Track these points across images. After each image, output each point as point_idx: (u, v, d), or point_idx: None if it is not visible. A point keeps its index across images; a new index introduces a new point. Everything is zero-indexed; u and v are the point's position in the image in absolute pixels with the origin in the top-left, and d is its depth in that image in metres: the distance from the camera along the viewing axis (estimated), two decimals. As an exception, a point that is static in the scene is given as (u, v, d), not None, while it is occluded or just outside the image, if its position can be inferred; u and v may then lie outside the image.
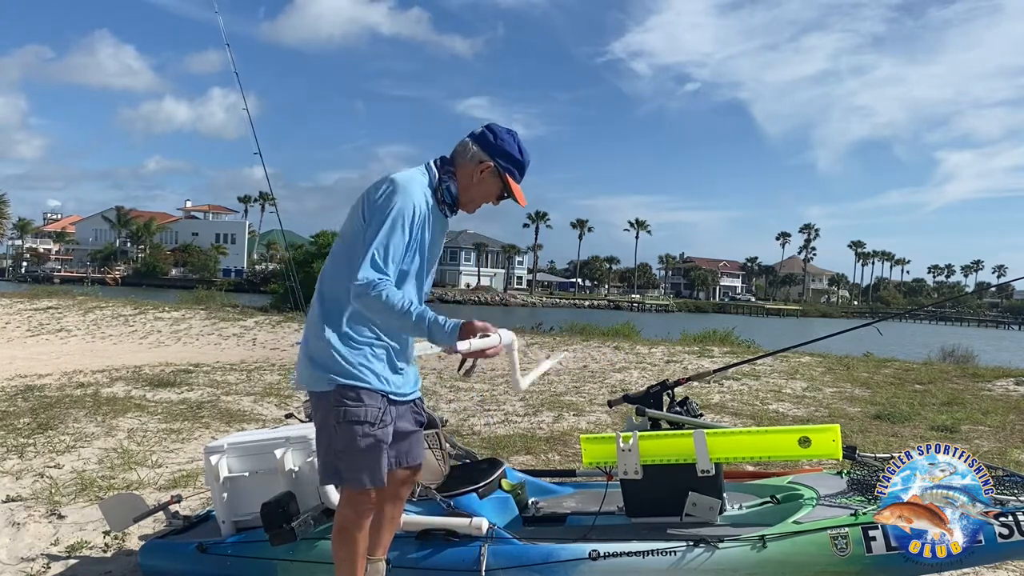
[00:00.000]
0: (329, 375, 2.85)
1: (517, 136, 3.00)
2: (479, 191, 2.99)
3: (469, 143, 2.96)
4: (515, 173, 3.00)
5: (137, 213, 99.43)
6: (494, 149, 2.94)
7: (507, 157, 2.95)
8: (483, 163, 2.94)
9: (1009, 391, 10.17)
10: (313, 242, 30.49)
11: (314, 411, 3.00)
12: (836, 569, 3.22)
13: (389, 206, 2.77)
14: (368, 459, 2.86)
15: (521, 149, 2.99)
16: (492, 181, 2.98)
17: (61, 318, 17.67)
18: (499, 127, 3.00)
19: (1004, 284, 52.74)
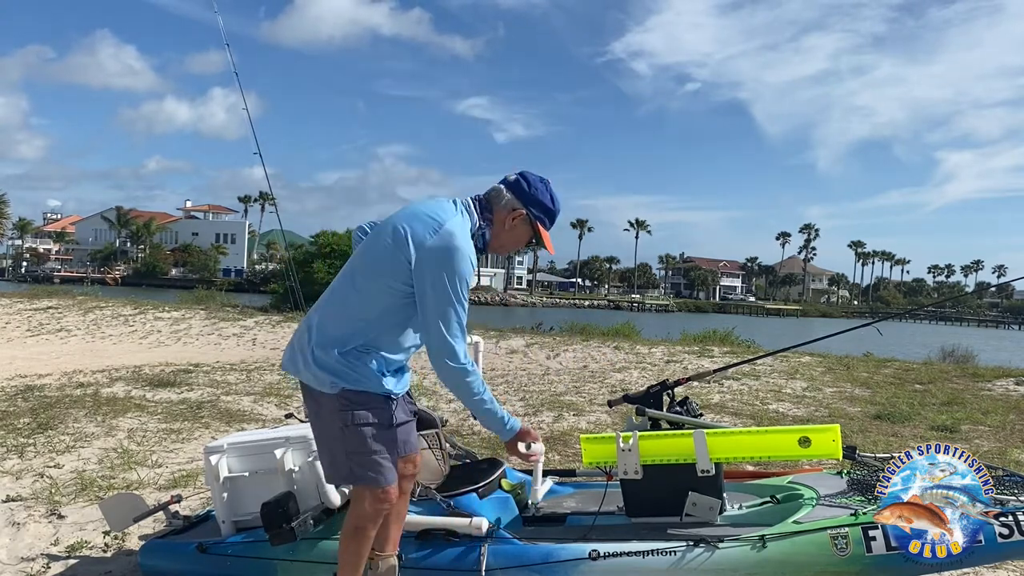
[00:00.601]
0: (332, 378, 2.87)
1: (550, 185, 3.07)
2: (510, 237, 3.05)
3: (503, 190, 3.01)
4: (546, 222, 3.06)
5: (137, 213, 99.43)
6: (528, 198, 3.00)
7: (539, 206, 3.02)
8: (516, 210, 3.00)
9: (1009, 391, 10.17)
10: (313, 242, 30.46)
11: (315, 409, 3.00)
12: (836, 569, 3.22)
13: (454, 272, 2.80)
14: (381, 458, 2.90)
15: (553, 198, 3.05)
16: (523, 228, 3.04)
17: (61, 318, 17.68)
18: (533, 176, 3.05)
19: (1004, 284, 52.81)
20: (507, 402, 8.63)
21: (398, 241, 2.84)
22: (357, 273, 2.97)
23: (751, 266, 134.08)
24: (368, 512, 2.97)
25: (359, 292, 2.93)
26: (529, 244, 3.12)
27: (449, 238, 2.82)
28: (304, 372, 2.95)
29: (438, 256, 2.80)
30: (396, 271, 2.84)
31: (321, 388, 2.90)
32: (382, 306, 2.89)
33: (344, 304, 2.94)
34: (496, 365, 11.42)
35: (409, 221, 2.88)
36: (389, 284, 2.86)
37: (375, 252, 2.93)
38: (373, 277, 2.90)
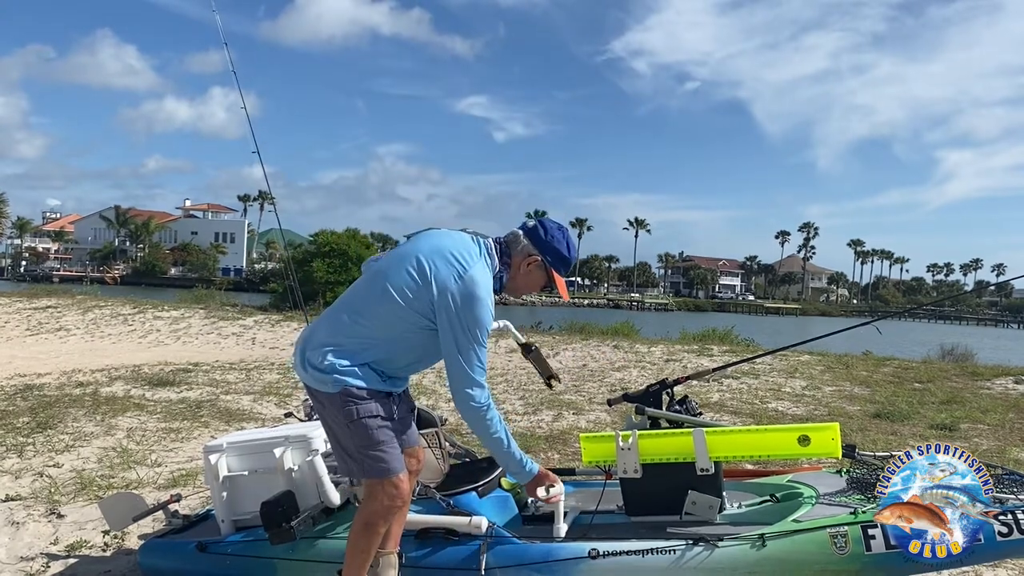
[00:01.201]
0: (333, 376, 2.93)
1: (567, 233, 3.14)
2: (525, 281, 3.12)
3: (521, 236, 3.08)
4: (561, 269, 3.13)
5: (136, 212, 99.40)
6: (544, 246, 3.07)
7: (555, 253, 3.08)
8: (531, 256, 3.07)
9: (1008, 389, 10.17)
10: (312, 241, 30.47)
11: (319, 407, 3.05)
12: (836, 567, 3.22)
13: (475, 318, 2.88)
14: (387, 448, 2.95)
15: (569, 246, 3.12)
16: (538, 274, 3.11)
17: (60, 317, 17.67)
18: (551, 223, 3.13)
19: (1003, 283, 52.83)
20: (506, 401, 8.63)
21: (422, 276, 2.91)
22: (369, 292, 3.01)
23: (750, 265, 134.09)
24: (380, 508, 2.99)
25: (371, 312, 2.97)
26: (544, 289, 3.18)
27: (473, 286, 2.89)
28: (307, 374, 3.01)
29: (461, 303, 2.88)
30: (415, 303, 2.91)
31: (323, 388, 2.95)
32: (390, 329, 2.96)
33: (353, 319, 2.99)
34: (496, 364, 11.42)
35: (433, 258, 2.94)
36: (403, 313, 2.93)
37: (395, 280, 2.96)
38: (386, 302, 2.94)
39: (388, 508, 2.99)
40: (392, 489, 2.95)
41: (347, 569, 3.05)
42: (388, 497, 2.96)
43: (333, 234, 28.27)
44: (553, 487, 3.14)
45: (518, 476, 3.14)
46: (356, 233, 29.37)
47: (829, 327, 5.10)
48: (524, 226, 3.12)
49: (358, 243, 27.60)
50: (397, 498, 2.97)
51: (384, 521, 3.03)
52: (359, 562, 3.05)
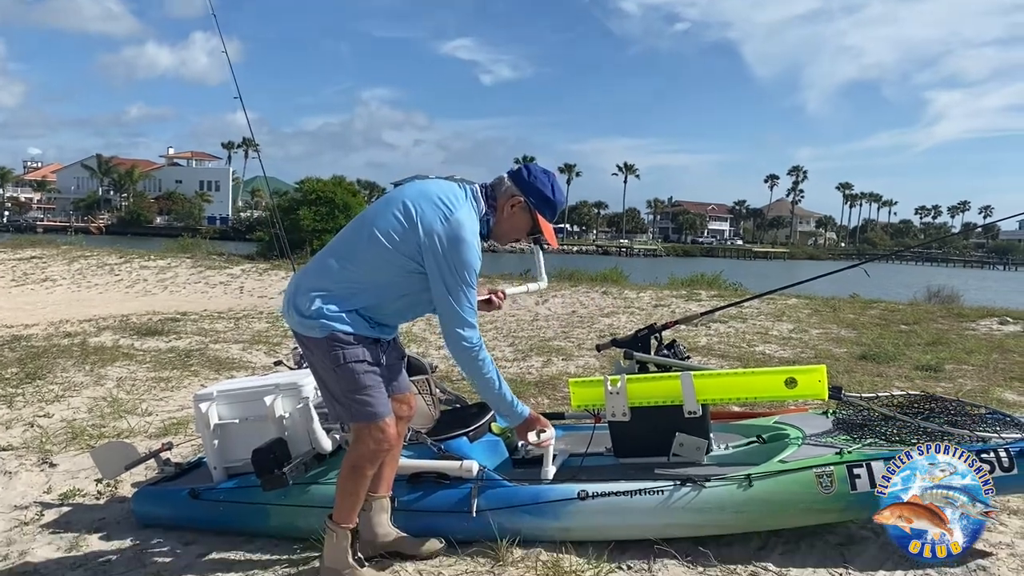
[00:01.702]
0: (320, 321, 2.93)
1: (553, 177, 3.10)
2: (509, 225, 3.08)
3: (505, 178, 3.06)
4: (546, 212, 3.08)
5: (119, 161, 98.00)
6: (526, 186, 3.04)
7: (538, 195, 3.05)
8: (515, 198, 3.04)
9: (993, 330, 10.28)
10: (298, 189, 30.20)
11: (307, 354, 3.05)
12: (821, 506, 3.28)
13: (462, 260, 2.87)
14: (374, 392, 2.96)
15: (554, 188, 3.08)
16: (522, 216, 3.07)
17: (46, 268, 17.55)
18: (536, 167, 3.10)
19: (990, 224, 53.12)
20: (496, 348, 8.67)
21: (409, 219, 2.90)
22: (357, 237, 2.99)
23: (739, 209, 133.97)
24: (367, 452, 3.01)
25: (359, 258, 2.96)
26: (532, 234, 3.15)
27: (459, 228, 2.88)
28: (294, 319, 3.00)
29: (447, 245, 2.87)
30: (402, 247, 2.90)
31: (310, 334, 2.95)
32: (378, 274, 2.95)
33: (341, 265, 2.98)
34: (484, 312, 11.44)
35: (420, 201, 2.93)
36: (390, 257, 2.91)
37: (380, 222, 2.95)
38: (374, 246, 2.93)
39: (375, 452, 3.01)
40: (379, 433, 2.97)
41: (337, 511, 3.09)
42: (375, 441, 2.98)
43: (319, 181, 28.01)
44: (544, 431, 3.17)
45: (509, 418, 3.16)
46: (342, 180, 29.10)
47: (817, 270, 5.11)
48: (509, 170, 3.11)
49: (344, 190, 27.37)
50: (384, 442, 2.99)
51: (371, 464, 3.05)
52: (348, 504, 3.08)
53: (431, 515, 3.42)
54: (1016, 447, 3.28)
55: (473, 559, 3.30)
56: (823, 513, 3.32)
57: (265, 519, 3.54)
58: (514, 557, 3.27)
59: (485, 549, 3.31)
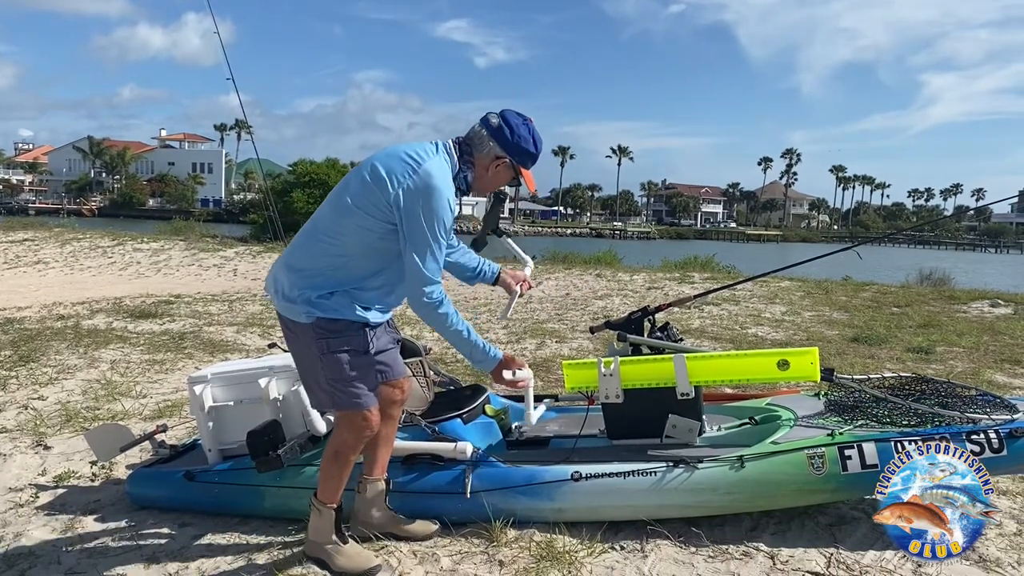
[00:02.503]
0: (305, 307, 2.91)
1: (532, 126, 3.04)
2: (493, 181, 3.07)
3: (486, 136, 2.98)
4: (528, 164, 3.06)
5: (111, 143, 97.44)
6: (511, 147, 2.99)
7: (522, 153, 3.01)
8: (499, 158, 3.00)
9: (984, 313, 10.33)
10: (291, 171, 30.10)
11: (289, 336, 3.03)
12: (812, 487, 3.30)
13: (432, 212, 2.83)
14: (359, 382, 2.95)
15: (536, 141, 3.03)
16: (506, 172, 3.05)
17: (38, 250, 17.48)
18: (515, 118, 3.01)
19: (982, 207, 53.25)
20: (490, 330, 8.68)
21: (377, 179, 2.85)
22: (333, 209, 2.96)
23: (733, 192, 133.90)
24: (349, 438, 3.02)
25: (336, 230, 2.92)
26: (512, 184, 3.13)
27: (427, 178, 2.83)
28: (279, 302, 2.99)
29: (416, 195, 2.82)
30: (373, 209, 2.85)
31: (296, 318, 2.93)
32: (357, 243, 2.90)
33: (319, 239, 2.95)
34: (479, 294, 11.45)
35: (387, 160, 2.88)
36: (365, 222, 2.87)
37: (352, 189, 2.92)
38: (349, 214, 2.89)
39: (357, 439, 3.02)
40: (362, 421, 2.97)
41: (320, 491, 3.12)
42: (357, 429, 2.99)
43: (312, 164, 27.94)
44: (520, 371, 3.13)
45: (483, 363, 3.10)
46: (336, 162, 29.03)
47: (810, 253, 5.12)
48: (487, 124, 2.99)
49: (338, 172, 27.30)
50: (366, 429, 2.99)
51: (353, 451, 3.06)
52: (331, 486, 3.11)
53: (425, 496, 3.43)
54: (1006, 428, 3.31)
55: (467, 540, 3.32)
56: (814, 494, 3.35)
57: (260, 501, 3.55)
58: (508, 538, 3.29)
59: (479, 530, 3.34)
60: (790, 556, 3.23)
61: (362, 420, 2.98)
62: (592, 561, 3.17)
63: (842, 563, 3.18)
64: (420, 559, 3.20)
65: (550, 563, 3.13)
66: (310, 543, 3.15)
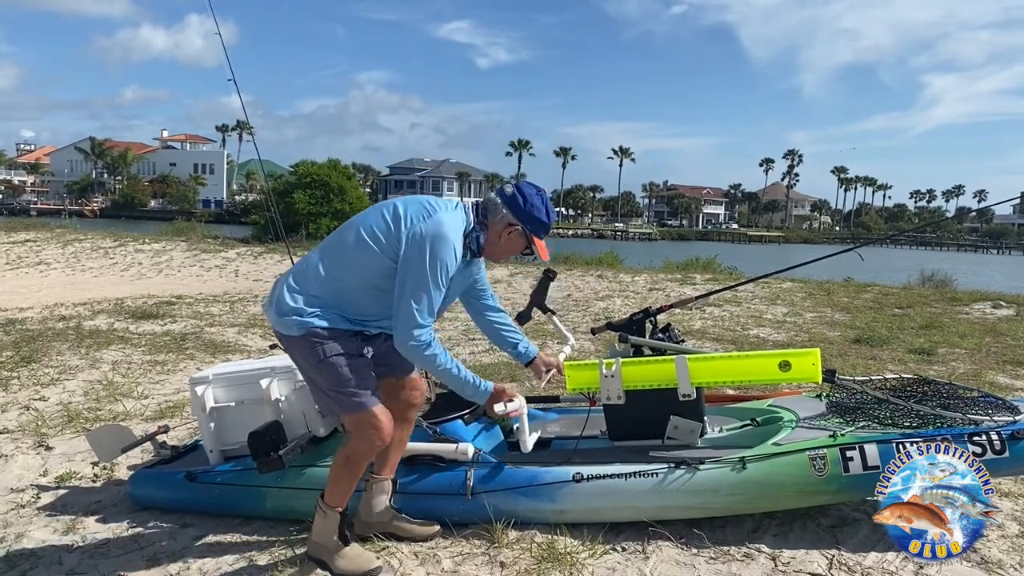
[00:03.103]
0: (296, 318, 2.96)
1: (545, 196, 3.11)
2: (505, 248, 3.13)
3: (500, 204, 3.06)
4: (540, 233, 3.12)
5: (112, 143, 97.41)
6: (524, 216, 3.06)
7: (535, 222, 3.08)
8: (512, 226, 3.07)
9: (986, 314, 10.32)
10: (293, 172, 30.09)
11: (289, 352, 3.10)
12: (814, 489, 3.30)
13: (436, 257, 2.88)
14: (359, 383, 2.97)
15: (548, 212, 3.10)
16: (519, 240, 3.11)
17: (40, 251, 17.49)
18: (528, 189, 3.09)
19: (984, 208, 53.33)
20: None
21: (395, 219, 2.95)
22: (347, 240, 3.02)
23: (734, 193, 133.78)
24: (361, 446, 3.04)
25: (344, 258, 3.00)
26: (524, 252, 3.19)
27: (438, 225, 2.92)
28: (272, 317, 3.04)
29: (424, 238, 2.89)
30: (384, 247, 2.93)
31: (287, 331, 2.98)
32: (362, 275, 2.98)
33: (326, 264, 3.02)
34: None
35: (406, 203, 3.01)
36: (374, 258, 2.94)
37: (368, 223, 3.00)
38: (360, 246, 2.96)
39: (369, 447, 3.03)
40: (372, 430, 2.99)
41: (328, 494, 3.13)
42: (368, 438, 3.00)
43: (314, 165, 27.89)
44: (511, 401, 3.14)
45: (475, 397, 3.13)
46: (337, 163, 28.97)
47: (811, 254, 5.12)
48: (502, 193, 3.10)
49: (339, 174, 27.28)
50: (377, 438, 3.01)
51: (365, 458, 3.07)
52: (340, 490, 3.11)
53: (427, 497, 3.43)
54: (1008, 430, 3.30)
55: (469, 541, 3.32)
56: (816, 495, 3.35)
57: (261, 502, 3.55)
58: (509, 539, 3.29)
59: (481, 531, 3.34)
60: (792, 557, 3.23)
61: (372, 428, 2.99)
62: (593, 562, 3.17)
63: (844, 564, 3.17)
64: (421, 560, 3.20)
65: (551, 564, 3.12)
66: (312, 544, 3.16)
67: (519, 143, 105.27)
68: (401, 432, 3.27)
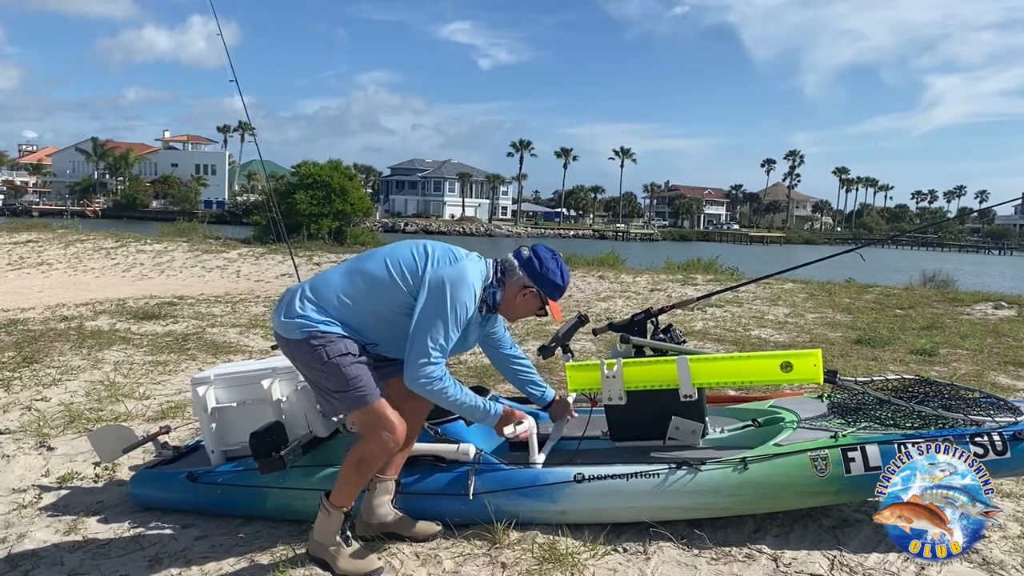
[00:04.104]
0: (299, 322, 3.00)
1: (561, 262, 3.23)
2: (520, 308, 3.24)
3: (517, 267, 3.17)
4: (555, 296, 3.22)
5: (114, 144, 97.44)
6: (539, 278, 3.17)
7: (550, 285, 3.19)
8: (527, 288, 3.18)
9: (987, 315, 10.31)
10: (294, 173, 30.12)
11: (291, 358, 3.12)
12: (816, 489, 3.30)
13: (456, 299, 2.98)
14: (363, 380, 3.00)
15: (563, 275, 3.22)
16: (533, 301, 3.22)
17: (42, 252, 17.51)
18: (544, 253, 3.21)
19: (986, 209, 53.11)
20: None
21: (422, 257, 3.07)
22: (372, 263, 3.10)
23: (736, 193, 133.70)
24: (374, 447, 3.05)
25: (363, 280, 3.06)
26: (539, 313, 3.26)
27: (461, 270, 3.04)
28: (277, 321, 3.08)
29: (446, 280, 2.99)
30: (407, 280, 3.02)
31: (289, 336, 3.01)
32: (377, 303, 3.04)
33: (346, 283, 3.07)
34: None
35: (436, 246, 3.14)
36: (392, 291, 3.02)
37: (396, 255, 3.09)
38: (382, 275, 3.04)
39: (382, 450, 3.05)
40: (384, 431, 3.01)
41: (335, 493, 3.13)
42: (382, 440, 3.02)
43: (315, 165, 27.93)
44: (520, 424, 3.25)
45: (485, 422, 3.22)
46: (339, 164, 29.01)
47: (813, 255, 5.12)
48: (519, 256, 3.20)
49: (341, 174, 27.31)
50: (391, 442, 3.03)
51: (377, 460, 3.09)
52: (348, 491, 3.12)
53: (428, 498, 3.44)
54: (1010, 431, 3.30)
55: (470, 542, 3.32)
56: (817, 496, 3.34)
57: (262, 502, 3.56)
58: (511, 540, 3.29)
59: (482, 532, 3.34)
60: (793, 558, 3.22)
61: (382, 425, 3.00)
62: (595, 563, 3.17)
63: (845, 565, 3.17)
64: (423, 561, 3.21)
65: (553, 565, 3.12)
66: (314, 543, 3.16)
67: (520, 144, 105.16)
68: (410, 432, 3.28)
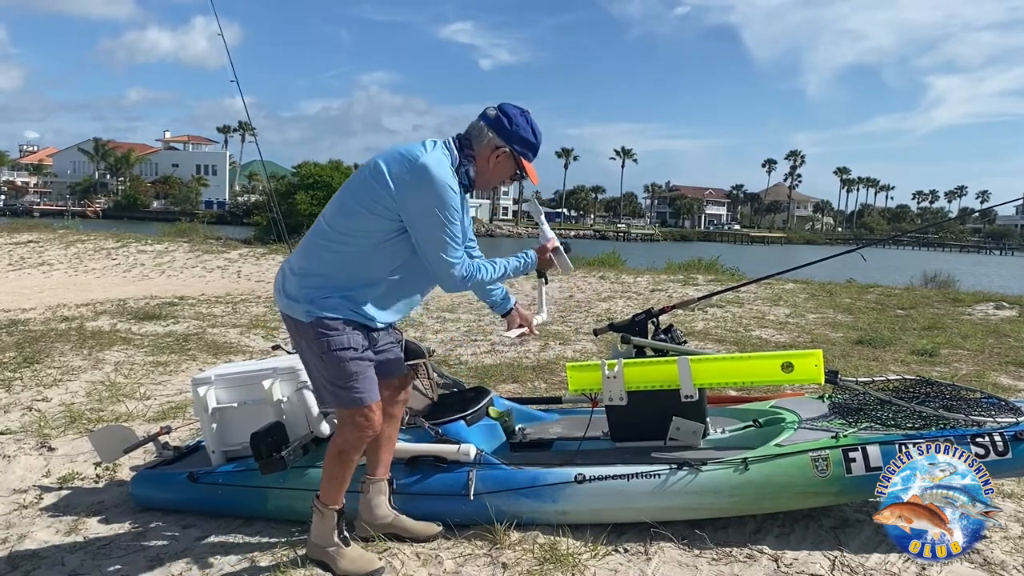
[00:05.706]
0: (306, 305, 2.93)
1: (530, 116, 3.04)
2: (495, 173, 3.07)
3: (485, 128, 3.01)
4: (529, 155, 3.08)
5: (115, 144, 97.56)
6: (510, 135, 3.00)
7: (522, 142, 3.03)
8: (499, 148, 3.01)
9: (988, 315, 10.30)
10: (295, 173, 30.16)
11: (295, 337, 3.05)
12: (816, 490, 3.29)
13: (438, 195, 2.84)
14: (361, 379, 2.96)
15: (535, 131, 3.05)
16: (507, 164, 3.05)
17: (43, 252, 17.52)
18: (513, 109, 3.04)
19: (987, 209, 53.14)
20: (493, 332, 8.68)
21: (378, 177, 2.87)
22: (337, 211, 2.98)
23: (737, 194, 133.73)
24: (351, 437, 3.03)
25: (339, 229, 2.94)
26: (514, 177, 3.13)
27: (425, 170, 2.83)
28: (282, 300, 3.02)
29: (419, 190, 2.83)
30: (375, 207, 2.87)
31: (297, 317, 2.95)
32: (362, 244, 2.92)
33: (321, 241, 2.97)
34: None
35: (387, 159, 2.91)
36: (369, 223, 2.88)
37: (354, 189, 2.95)
38: (352, 215, 2.91)
39: (359, 437, 3.02)
40: (363, 419, 2.98)
41: (323, 492, 3.13)
42: (358, 427, 2.99)
43: (316, 166, 28.01)
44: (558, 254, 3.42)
45: (528, 270, 3.32)
46: (339, 164, 29.10)
47: (814, 255, 5.12)
48: (485, 116, 3.02)
49: (341, 175, 27.36)
50: (367, 428, 3.00)
51: (356, 450, 3.07)
52: (334, 487, 3.11)
53: (429, 498, 3.43)
54: (1011, 431, 3.30)
55: (471, 542, 3.32)
56: (818, 496, 3.34)
57: (263, 502, 3.55)
58: (511, 540, 3.29)
59: (483, 532, 3.34)
60: (794, 559, 3.22)
61: (363, 418, 2.98)
62: (595, 564, 3.17)
63: (846, 566, 3.17)
64: (423, 561, 3.20)
65: (553, 565, 3.12)
66: (312, 545, 3.16)
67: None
68: (389, 428, 3.26)
